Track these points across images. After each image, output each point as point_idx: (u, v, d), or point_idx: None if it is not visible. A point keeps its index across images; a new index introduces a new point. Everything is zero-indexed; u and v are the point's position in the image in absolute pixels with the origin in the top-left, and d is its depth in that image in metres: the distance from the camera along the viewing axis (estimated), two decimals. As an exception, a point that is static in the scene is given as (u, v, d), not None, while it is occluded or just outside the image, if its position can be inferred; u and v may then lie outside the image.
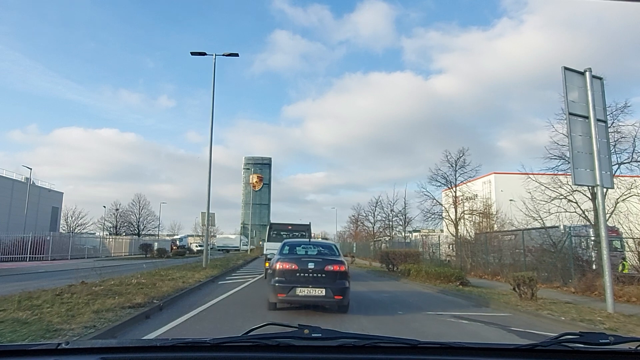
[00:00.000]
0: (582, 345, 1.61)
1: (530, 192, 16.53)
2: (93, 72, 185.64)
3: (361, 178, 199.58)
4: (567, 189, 16.02)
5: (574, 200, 15.69)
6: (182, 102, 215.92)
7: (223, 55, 20.27)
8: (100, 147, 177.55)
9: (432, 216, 29.41)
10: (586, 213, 15.38)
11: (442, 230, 40.10)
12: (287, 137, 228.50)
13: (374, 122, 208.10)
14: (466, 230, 25.64)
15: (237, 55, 20.34)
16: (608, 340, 1.59)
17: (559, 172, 16.44)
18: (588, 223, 15.47)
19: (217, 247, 64.98)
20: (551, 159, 16.18)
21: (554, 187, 16.17)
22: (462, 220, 26.60)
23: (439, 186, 28.52)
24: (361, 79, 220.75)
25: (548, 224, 16.82)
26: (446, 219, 27.64)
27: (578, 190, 16.12)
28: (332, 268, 8.11)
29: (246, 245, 60.74)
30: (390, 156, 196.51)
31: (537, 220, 16.52)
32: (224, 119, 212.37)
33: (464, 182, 27.29)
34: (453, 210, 26.70)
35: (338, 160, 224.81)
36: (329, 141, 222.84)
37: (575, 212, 15.81)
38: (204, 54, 20.09)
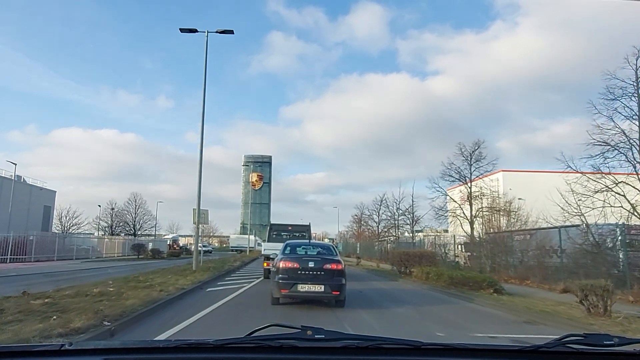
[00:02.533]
0: (586, 347, 1.54)
1: (569, 184, 14.32)
2: (92, 72, 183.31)
3: (361, 178, 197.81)
4: (611, 180, 13.88)
5: (622, 193, 13.50)
6: (180, 102, 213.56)
7: (216, 32, 18.10)
8: (100, 147, 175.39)
9: (445, 214, 27.32)
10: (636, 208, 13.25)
11: (446, 231, 37.96)
12: (287, 137, 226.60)
13: (373, 123, 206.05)
14: (485, 229, 23.38)
15: (232, 32, 18.17)
16: (613, 342, 1.53)
17: (580, 170, 14.43)
18: (622, 221, 13.35)
19: (231, 247, 68.27)
20: (594, 145, 13.95)
21: (597, 178, 13.97)
22: (478, 219, 24.40)
23: (453, 181, 26.49)
24: (358, 80, 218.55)
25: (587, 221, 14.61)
26: (460, 216, 25.48)
27: (624, 181, 13.99)
28: (330, 267, 8.64)
29: (259, 245, 61.09)
30: (390, 157, 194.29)
31: (577, 216, 14.26)
32: (222, 119, 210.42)
33: (477, 177, 25.27)
34: (468, 207, 24.60)
35: (338, 160, 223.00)
36: (328, 142, 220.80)
37: (622, 206, 13.65)
38: (195, 30, 17.96)
